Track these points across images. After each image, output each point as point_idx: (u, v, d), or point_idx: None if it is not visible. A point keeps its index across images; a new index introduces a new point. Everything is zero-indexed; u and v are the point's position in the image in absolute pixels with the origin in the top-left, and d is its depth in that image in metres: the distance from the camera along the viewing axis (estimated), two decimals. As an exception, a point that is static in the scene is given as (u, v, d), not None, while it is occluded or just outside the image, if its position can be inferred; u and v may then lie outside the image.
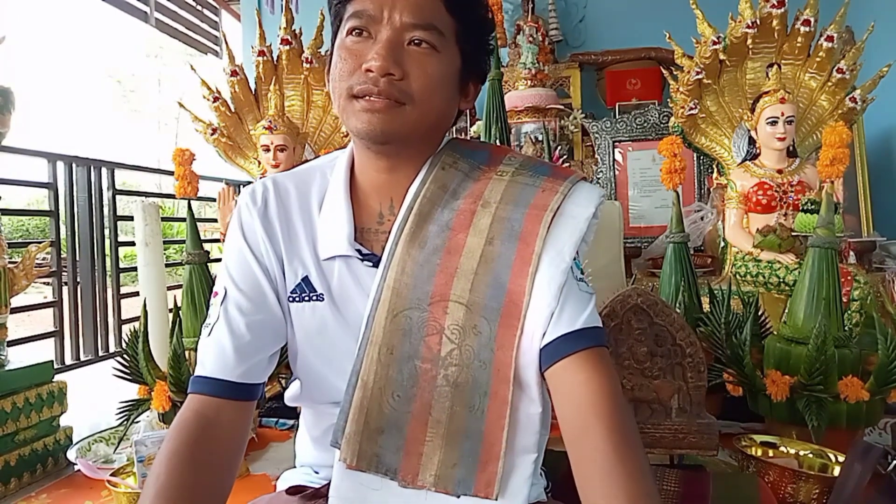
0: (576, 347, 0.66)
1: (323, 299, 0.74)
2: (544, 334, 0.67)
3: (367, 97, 0.68)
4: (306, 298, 0.74)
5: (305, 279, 0.75)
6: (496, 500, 0.65)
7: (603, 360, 0.67)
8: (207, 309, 0.79)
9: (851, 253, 2.51)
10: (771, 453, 1.44)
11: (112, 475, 1.41)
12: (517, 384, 0.67)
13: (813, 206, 2.09)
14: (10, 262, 1.72)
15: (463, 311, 0.67)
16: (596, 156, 3.39)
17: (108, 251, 2.85)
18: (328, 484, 0.70)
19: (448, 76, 0.72)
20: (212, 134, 2.68)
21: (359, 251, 0.73)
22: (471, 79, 0.77)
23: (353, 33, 0.70)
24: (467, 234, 0.70)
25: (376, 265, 0.72)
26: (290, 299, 0.75)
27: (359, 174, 0.77)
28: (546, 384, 0.69)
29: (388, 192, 0.76)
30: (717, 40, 2.29)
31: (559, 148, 3.27)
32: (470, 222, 0.71)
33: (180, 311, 1.76)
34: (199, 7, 5.14)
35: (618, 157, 3.35)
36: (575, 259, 0.70)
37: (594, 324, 0.68)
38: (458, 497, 0.65)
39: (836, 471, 1.29)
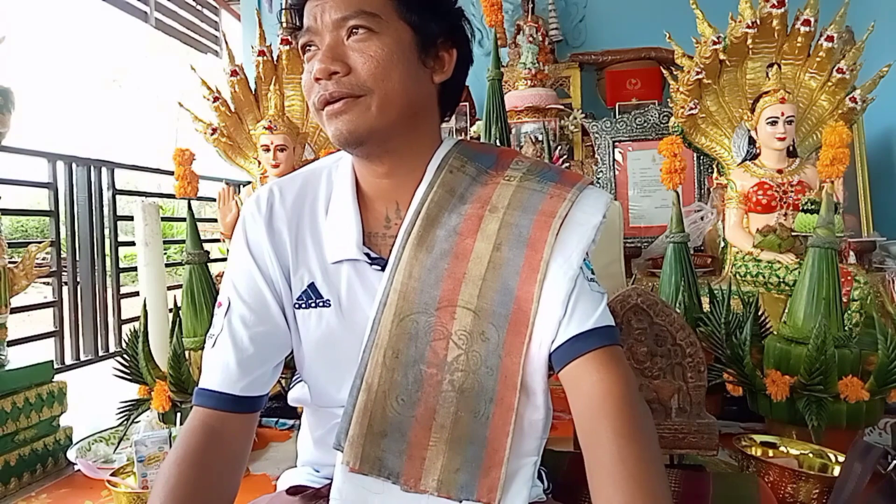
0: (587, 348, 0.66)
1: (329, 305, 0.74)
2: (553, 339, 0.67)
3: (327, 104, 0.68)
4: (312, 305, 0.74)
5: (311, 286, 0.74)
6: None
7: (614, 359, 0.66)
8: (208, 310, 0.79)
9: (851, 253, 2.51)
10: (771, 453, 1.43)
11: (112, 475, 1.41)
12: (523, 391, 0.67)
13: (813, 206, 2.09)
14: (10, 262, 1.72)
15: (471, 316, 0.67)
16: (596, 156, 3.39)
17: (108, 251, 2.84)
18: (329, 484, 0.70)
19: (398, 52, 0.68)
20: (212, 134, 2.67)
21: (367, 255, 0.73)
22: (436, 47, 0.73)
23: (306, 51, 0.71)
24: (475, 239, 0.70)
25: (384, 269, 0.71)
26: (297, 306, 0.75)
27: (361, 180, 0.77)
28: (549, 390, 0.69)
29: (392, 197, 0.76)
30: (717, 40, 2.29)
31: (559, 148, 3.27)
32: (478, 227, 0.71)
33: (180, 311, 1.76)
34: (199, 7, 5.14)
35: (618, 157, 3.35)
36: (585, 260, 0.70)
37: (605, 323, 0.68)
38: (460, 502, 0.65)
39: (836, 471, 1.29)
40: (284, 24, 0.74)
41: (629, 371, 0.67)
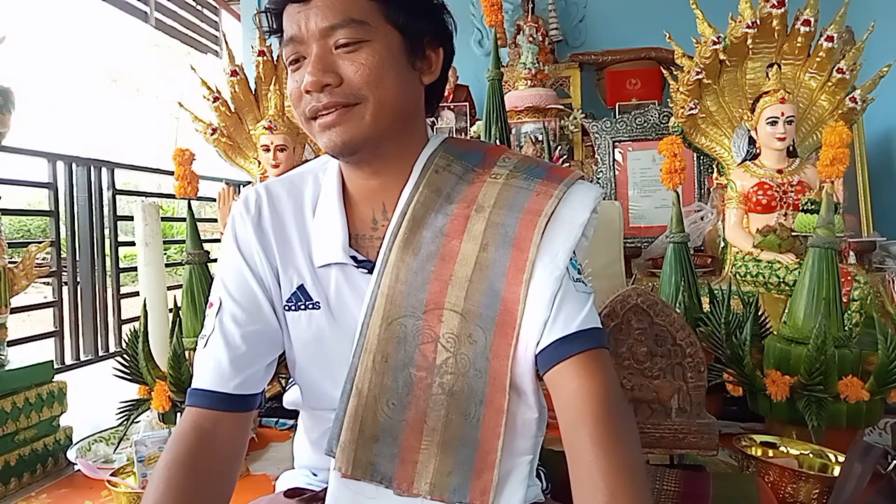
0: (570, 352, 0.65)
1: (319, 308, 0.73)
2: (538, 342, 0.66)
3: (319, 115, 0.68)
4: (302, 307, 0.74)
5: (301, 287, 0.74)
6: None
7: (597, 362, 0.65)
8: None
9: (851, 253, 2.51)
10: (771, 453, 1.44)
11: (112, 475, 1.41)
12: (514, 392, 0.67)
13: (813, 206, 2.09)
14: (10, 262, 1.72)
15: (458, 319, 0.67)
16: (596, 156, 3.39)
17: (108, 251, 2.85)
18: (327, 487, 0.70)
19: (389, 57, 0.68)
20: (212, 134, 2.67)
21: (354, 258, 0.72)
22: (423, 47, 0.72)
23: (292, 61, 0.70)
24: (461, 240, 0.69)
25: (372, 272, 0.71)
26: (286, 308, 0.75)
27: (348, 182, 0.76)
28: (542, 388, 0.69)
29: (379, 198, 0.75)
30: (717, 40, 2.29)
31: (559, 148, 3.27)
32: (464, 228, 0.70)
33: (180, 311, 1.76)
34: (199, 7, 5.14)
35: (618, 157, 3.35)
36: (571, 259, 0.69)
37: (591, 325, 0.67)
38: None
39: (836, 471, 1.29)
40: (260, 28, 0.74)
41: (612, 376, 0.66)
